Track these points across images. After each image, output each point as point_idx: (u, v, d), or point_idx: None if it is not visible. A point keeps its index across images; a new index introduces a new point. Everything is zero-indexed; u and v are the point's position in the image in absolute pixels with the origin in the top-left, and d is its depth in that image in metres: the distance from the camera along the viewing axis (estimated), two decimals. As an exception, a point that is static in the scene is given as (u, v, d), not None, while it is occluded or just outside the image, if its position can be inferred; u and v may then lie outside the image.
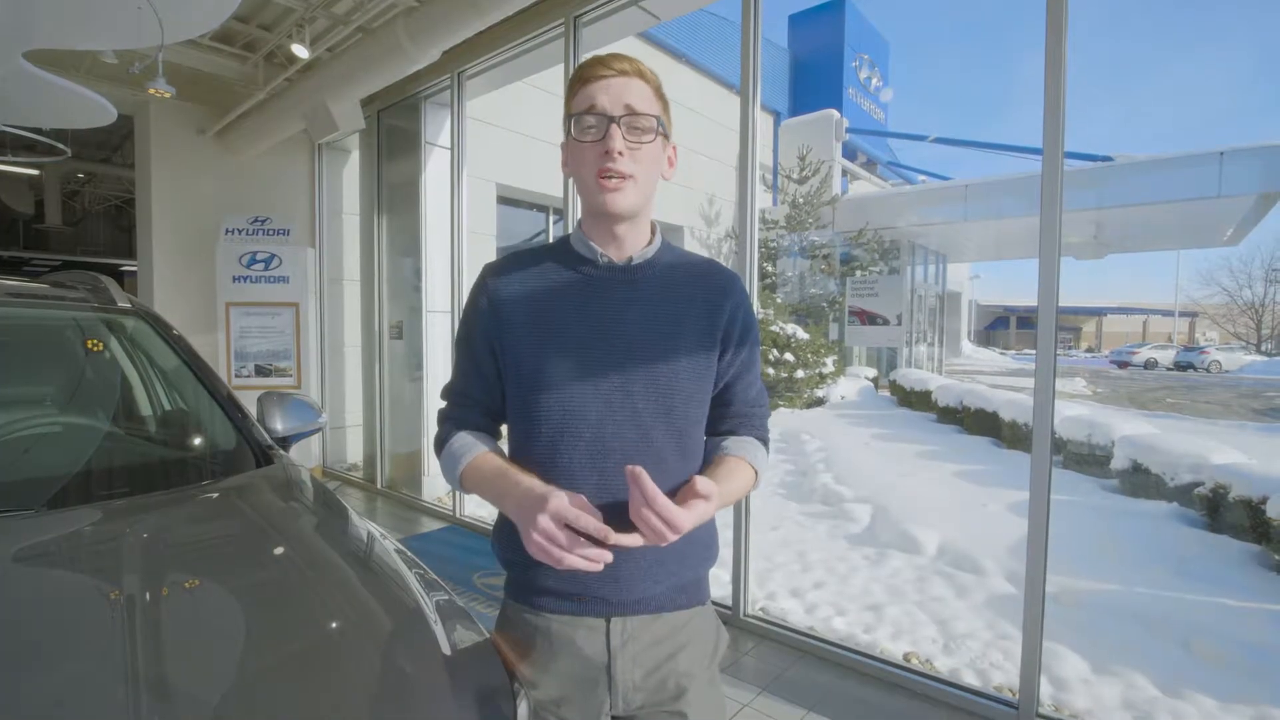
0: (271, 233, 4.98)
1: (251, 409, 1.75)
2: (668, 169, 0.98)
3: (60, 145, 4.58)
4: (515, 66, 4.20)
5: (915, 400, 9.18)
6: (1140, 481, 4.96)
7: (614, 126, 0.87)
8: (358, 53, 3.77)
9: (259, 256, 4.95)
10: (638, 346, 0.92)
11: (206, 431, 1.65)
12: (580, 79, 0.91)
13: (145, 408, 1.71)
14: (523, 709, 0.90)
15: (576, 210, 3.25)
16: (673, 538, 0.80)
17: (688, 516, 0.81)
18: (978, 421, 7.42)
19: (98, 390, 1.72)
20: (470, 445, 0.95)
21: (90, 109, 3.31)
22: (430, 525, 4.37)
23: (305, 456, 5.06)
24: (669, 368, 0.92)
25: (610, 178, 0.88)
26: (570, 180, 1.04)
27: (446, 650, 0.96)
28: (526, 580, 0.96)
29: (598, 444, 0.90)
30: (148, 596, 0.92)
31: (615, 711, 0.95)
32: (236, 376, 4.92)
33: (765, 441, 1.05)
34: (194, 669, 0.81)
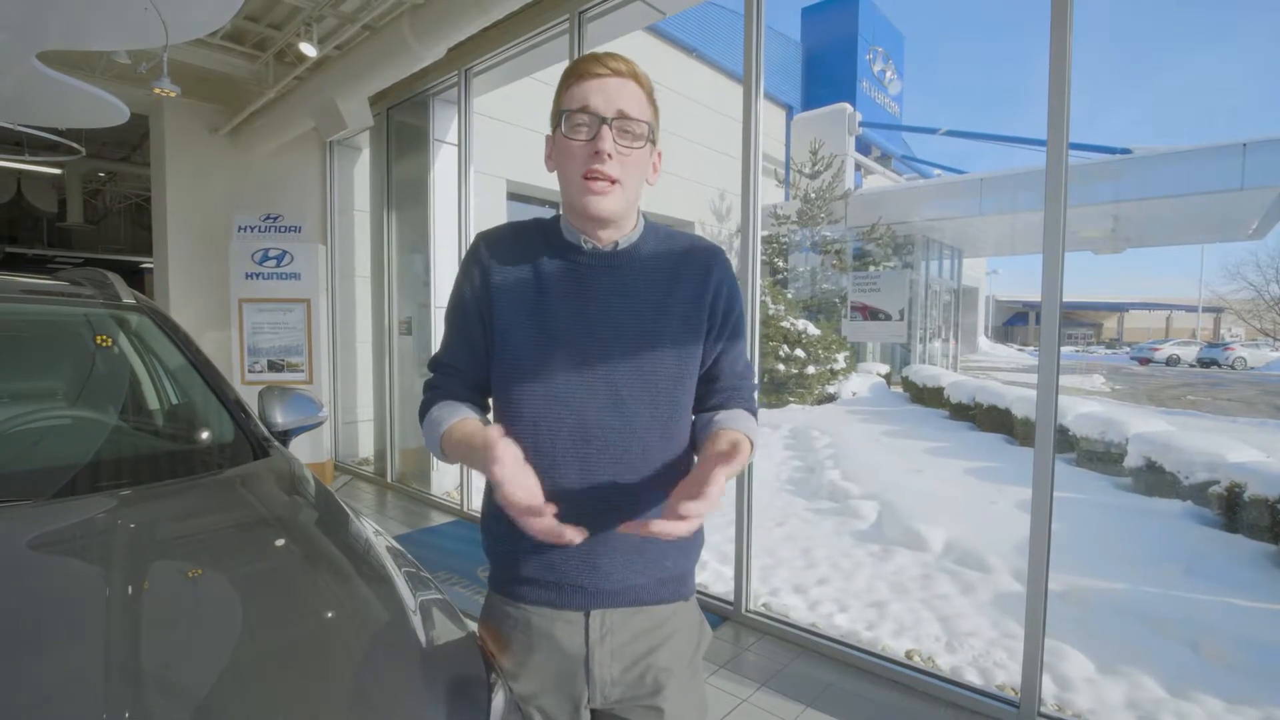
0: (283, 230, 5.04)
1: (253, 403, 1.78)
2: (652, 174, 0.97)
3: (75, 145, 4.66)
4: (522, 63, 4.22)
5: (927, 397, 9.11)
6: (1154, 480, 4.88)
7: (605, 128, 0.87)
8: (365, 51, 3.80)
9: (271, 253, 5.01)
10: (622, 333, 0.92)
11: (205, 425, 1.68)
12: (575, 75, 0.90)
13: (146, 402, 1.75)
14: (498, 700, 0.91)
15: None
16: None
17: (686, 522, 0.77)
18: (990, 418, 7.34)
19: (102, 384, 1.76)
20: (449, 412, 0.93)
21: (103, 109, 3.37)
22: (439, 519, 4.42)
23: (317, 450, 5.13)
24: (654, 354, 0.92)
25: (596, 180, 0.88)
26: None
27: (424, 643, 0.97)
28: (507, 571, 0.97)
29: (580, 430, 0.90)
30: (129, 590, 0.94)
31: (593, 704, 0.95)
32: (250, 372, 4.98)
33: (753, 413, 1.03)
34: (169, 657, 0.83)
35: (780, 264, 11.92)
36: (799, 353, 9.52)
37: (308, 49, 3.90)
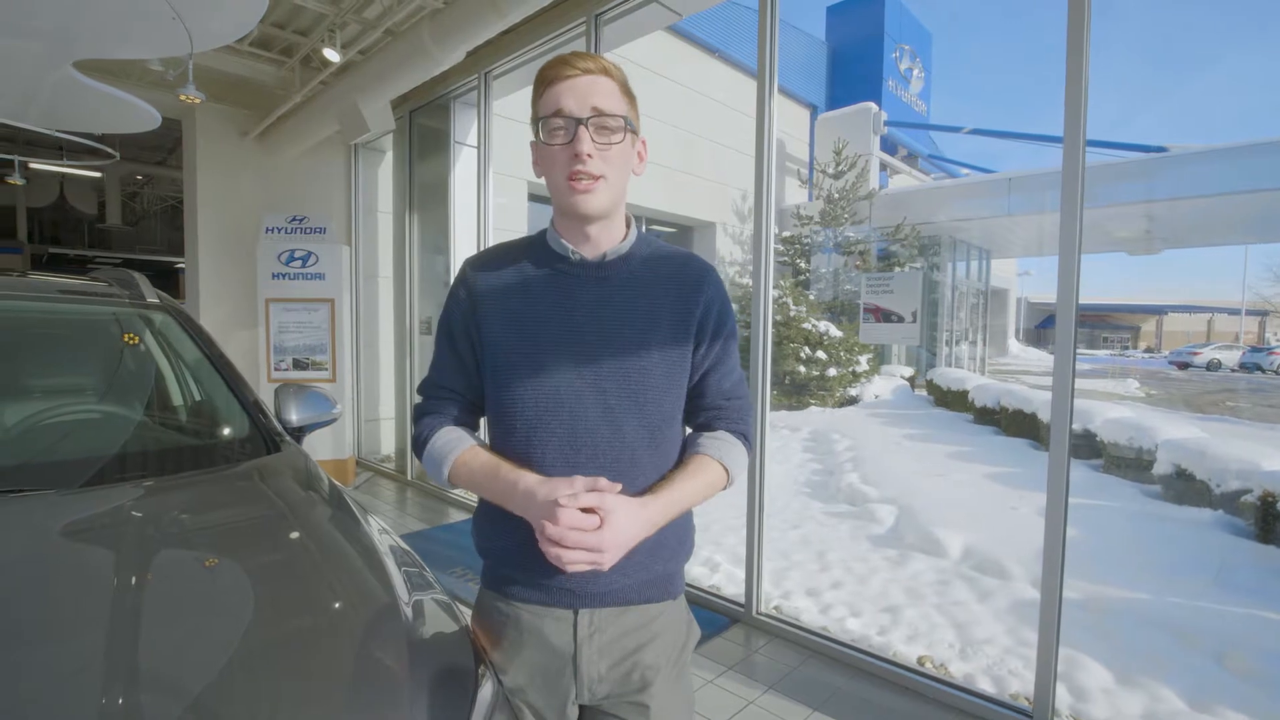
0: (309, 231, 5.15)
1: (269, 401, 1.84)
2: (638, 165, 0.98)
3: (109, 150, 4.83)
4: (540, 65, 4.26)
5: (952, 400, 8.96)
6: (1184, 488, 4.74)
7: (582, 129, 0.88)
8: (386, 55, 3.87)
9: (297, 254, 5.12)
10: (610, 342, 0.93)
11: (221, 420, 1.74)
12: (545, 80, 0.91)
13: (169, 397, 1.81)
14: (484, 692, 0.92)
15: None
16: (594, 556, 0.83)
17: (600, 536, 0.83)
18: (1015, 422, 7.20)
19: (128, 380, 1.82)
20: (453, 443, 0.95)
21: (136, 114, 3.49)
22: (456, 516, 4.48)
23: (339, 447, 5.23)
24: (640, 363, 0.93)
25: (581, 179, 0.89)
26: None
27: (414, 636, 0.99)
28: (498, 570, 0.99)
29: (570, 439, 0.91)
30: (134, 580, 0.99)
31: (581, 700, 0.97)
32: (276, 370, 5.10)
33: (743, 435, 1.03)
34: (168, 641, 0.88)
35: (803, 265, 11.83)
36: (820, 354, 9.44)
37: (331, 54, 3.99)
